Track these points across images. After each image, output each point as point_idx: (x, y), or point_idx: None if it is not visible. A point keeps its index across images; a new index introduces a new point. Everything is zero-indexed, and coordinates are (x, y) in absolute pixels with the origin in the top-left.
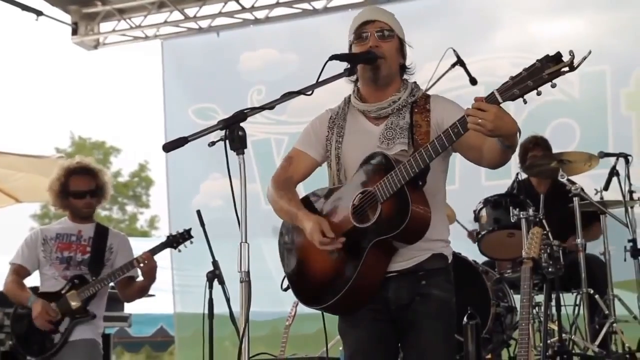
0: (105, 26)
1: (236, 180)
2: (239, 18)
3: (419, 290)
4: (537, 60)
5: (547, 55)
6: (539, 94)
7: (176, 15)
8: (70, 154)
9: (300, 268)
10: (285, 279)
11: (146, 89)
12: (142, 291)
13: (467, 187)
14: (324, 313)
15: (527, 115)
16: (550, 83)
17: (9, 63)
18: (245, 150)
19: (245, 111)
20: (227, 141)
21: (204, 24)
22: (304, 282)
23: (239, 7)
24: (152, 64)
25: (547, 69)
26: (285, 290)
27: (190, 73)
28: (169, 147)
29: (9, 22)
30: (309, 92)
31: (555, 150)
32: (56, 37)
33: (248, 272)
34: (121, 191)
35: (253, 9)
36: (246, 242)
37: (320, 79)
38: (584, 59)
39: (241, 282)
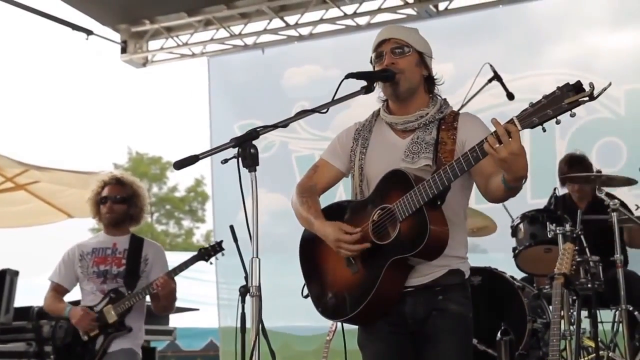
0: (153, 44)
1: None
2: (284, 35)
3: (436, 305)
4: (558, 88)
5: (568, 84)
6: (558, 122)
7: (222, 33)
8: (128, 170)
9: (319, 280)
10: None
11: (194, 104)
12: (165, 310)
13: (512, 204)
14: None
15: (573, 134)
16: (569, 112)
17: (61, 81)
18: (257, 167)
19: (258, 129)
20: (239, 159)
21: (249, 41)
22: (323, 294)
23: (284, 24)
24: (199, 80)
25: (567, 97)
26: (306, 297)
27: (235, 89)
28: (179, 164)
29: (60, 42)
30: (324, 110)
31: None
32: (106, 55)
33: (259, 286)
34: (177, 206)
35: (297, 25)
36: (257, 257)
37: (339, 97)
38: (604, 89)
39: (252, 296)
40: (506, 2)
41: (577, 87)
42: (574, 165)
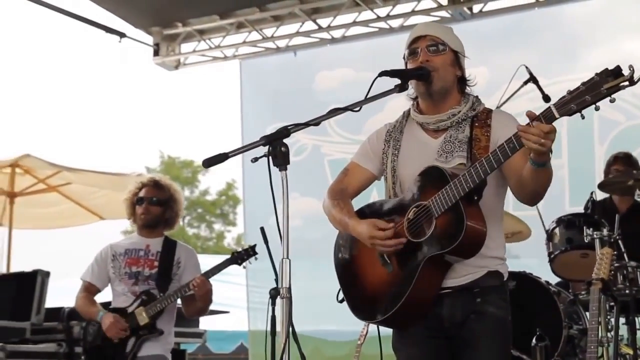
0: (185, 47)
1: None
2: (316, 37)
3: (474, 307)
4: (596, 74)
5: (606, 69)
6: (597, 109)
7: (254, 36)
8: (160, 173)
9: (354, 282)
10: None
11: (226, 107)
12: (200, 312)
13: (549, 211)
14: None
15: (612, 140)
16: (609, 98)
17: (94, 83)
18: (288, 166)
19: (289, 127)
20: (269, 157)
21: (282, 43)
22: (359, 296)
23: (316, 27)
24: (231, 83)
25: (606, 83)
26: (341, 302)
27: (267, 92)
28: (208, 162)
29: (93, 44)
30: (357, 109)
31: None
32: (139, 57)
33: (289, 288)
34: (209, 209)
35: (330, 28)
36: (287, 257)
37: (372, 95)
38: None
39: (282, 298)
40: (541, 5)
41: (616, 72)
42: (620, 159)
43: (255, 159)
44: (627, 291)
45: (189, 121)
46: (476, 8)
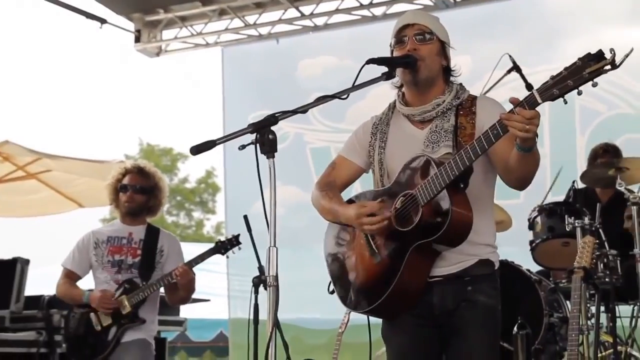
0: (167, 33)
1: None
2: (299, 25)
3: (465, 296)
4: (578, 59)
5: (589, 54)
6: (579, 93)
7: (236, 23)
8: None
9: (343, 272)
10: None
11: (207, 95)
12: (183, 301)
13: (532, 200)
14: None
15: (593, 131)
16: (591, 82)
17: (74, 69)
18: (275, 153)
19: (277, 115)
20: (257, 145)
21: (264, 31)
22: (347, 286)
23: (299, 14)
24: (212, 70)
25: (588, 67)
26: (332, 293)
27: (249, 80)
28: (196, 149)
29: (74, 30)
30: (344, 96)
31: None
32: (119, 44)
33: (276, 276)
34: (188, 197)
35: (312, 15)
36: (275, 246)
37: (359, 83)
38: (626, 56)
39: (269, 286)
40: None
41: (598, 56)
42: (609, 152)
43: (243, 147)
44: (607, 279)
45: (169, 108)
46: None
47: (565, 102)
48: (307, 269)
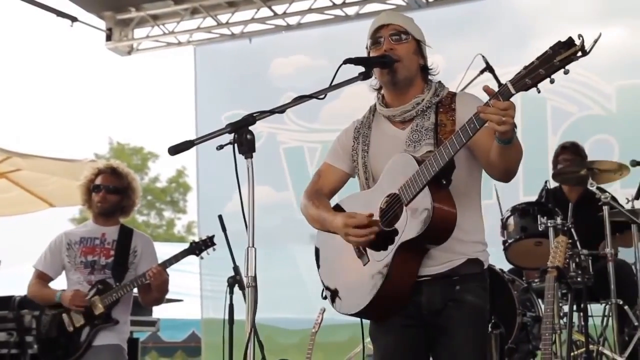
0: (139, 32)
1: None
2: (271, 24)
3: (453, 295)
4: (549, 48)
5: (559, 42)
6: (552, 81)
7: (209, 22)
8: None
9: (333, 276)
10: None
11: (180, 94)
12: (156, 302)
13: (504, 200)
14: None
15: (564, 131)
16: (563, 70)
17: (45, 68)
18: (253, 154)
19: (255, 114)
20: (235, 145)
21: (237, 30)
22: (337, 290)
23: (271, 14)
24: (185, 69)
25: (559, 55)
26: (325, 299)
27: (222, 79)
28: (174, 150)
29: (44, 28)
30: (322, 96)
31: None
32: (90, 42)
33: (255, 277)
34: (159, 197)
35: (285, 15)
36: (253, 246)
37: (336, 83)
38: (595, 42)
39: (247, 287)
40: None
41: (569, 44)
42: (567, 149)
43: (221, 147)
44: (579, 279)
45: (140, 107)
46: None
47: (539, 91)
48: (279, 268)
